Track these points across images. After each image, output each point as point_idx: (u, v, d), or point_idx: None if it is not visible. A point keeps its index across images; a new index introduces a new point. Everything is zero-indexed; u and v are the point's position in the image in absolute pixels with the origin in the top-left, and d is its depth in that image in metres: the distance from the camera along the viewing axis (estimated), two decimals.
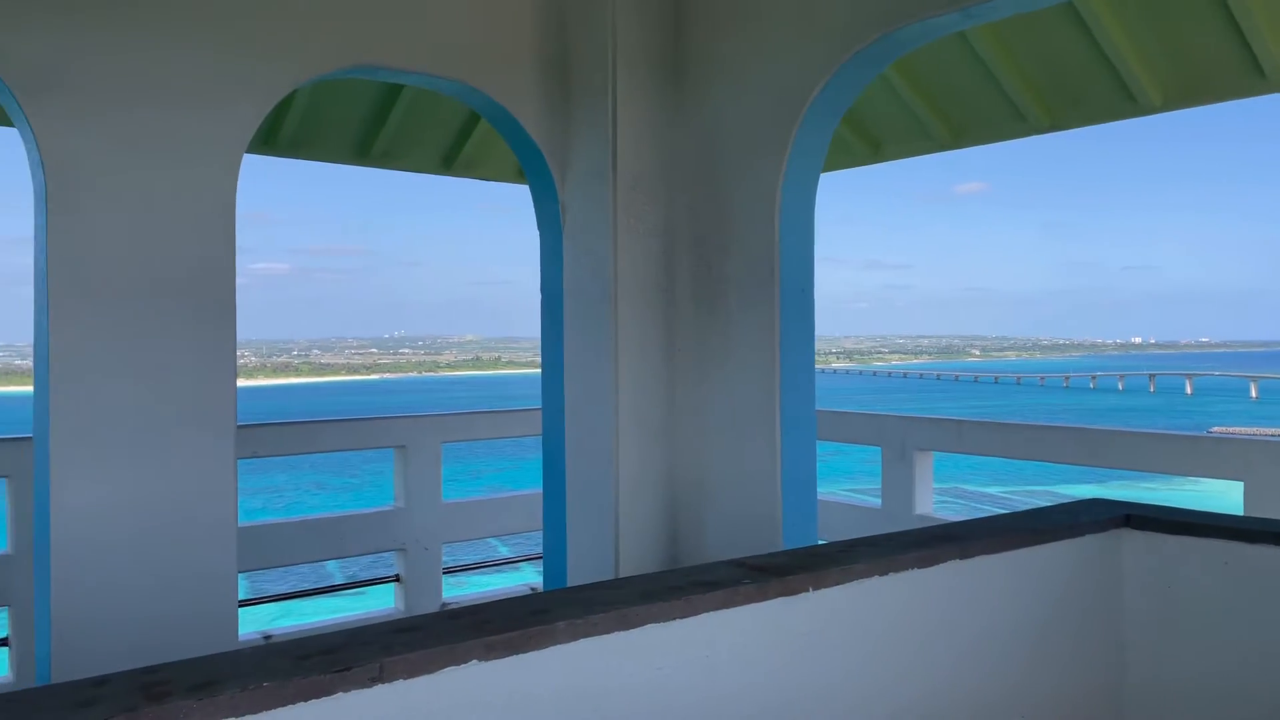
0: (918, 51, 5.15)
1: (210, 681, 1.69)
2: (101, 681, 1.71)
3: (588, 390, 5.09)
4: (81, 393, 3.93)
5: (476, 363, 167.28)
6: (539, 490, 7.29)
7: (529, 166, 5.33)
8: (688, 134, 5.08)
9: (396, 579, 6.69)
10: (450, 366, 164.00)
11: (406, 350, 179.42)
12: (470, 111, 6.63)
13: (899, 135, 6.35)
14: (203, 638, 4.10)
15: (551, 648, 2.05)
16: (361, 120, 6.48)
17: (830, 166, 5.87)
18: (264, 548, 5.96)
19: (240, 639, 4.64)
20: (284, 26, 4.42)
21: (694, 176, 5.03)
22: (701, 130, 5.01)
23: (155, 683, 1.69)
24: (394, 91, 6.28)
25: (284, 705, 1.72)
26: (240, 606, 4.61)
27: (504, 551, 12.43)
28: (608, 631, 2.14)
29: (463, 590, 8.54)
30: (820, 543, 4.66)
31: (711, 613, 2.30)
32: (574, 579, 5.13)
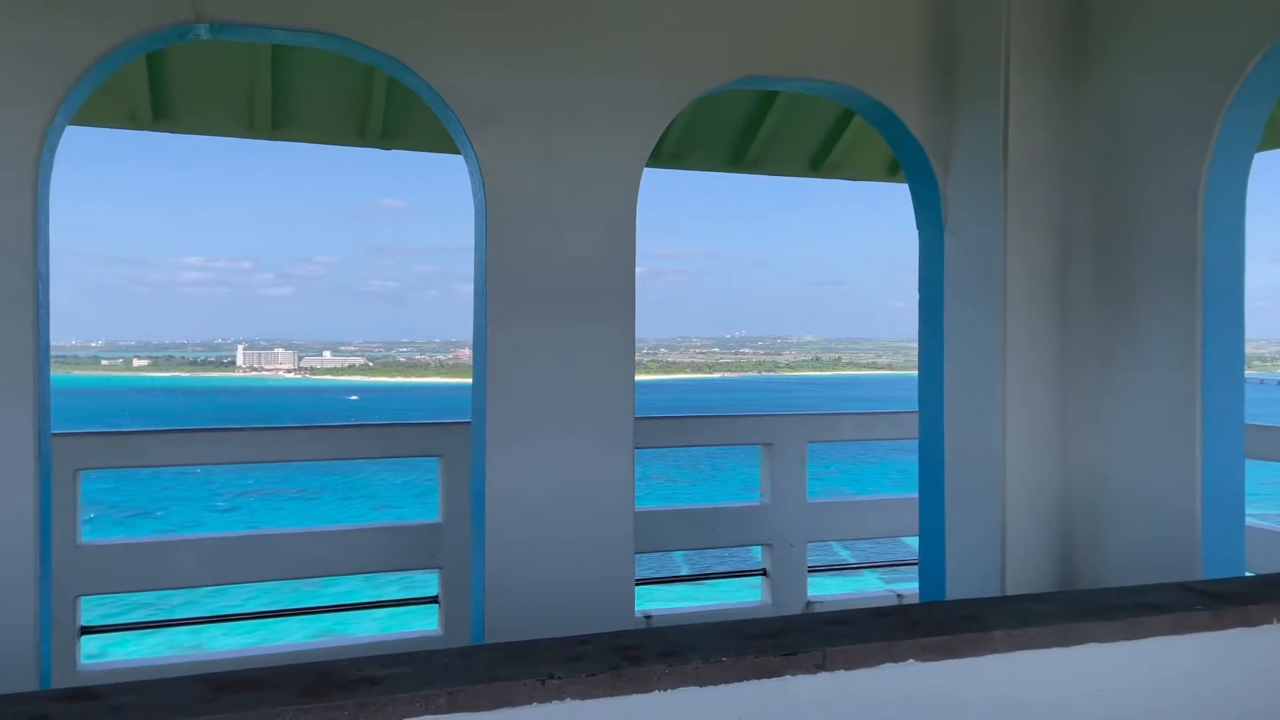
0: None
1: (675, 651, 1.86)
2: (585, 640, 1.93)
3: (970, 395, 4.91)
4: (513, 384, 4.46)
5: (816, 363, 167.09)
6: (903, 495, 7.21)
7: (909, 164, 5.24)
8: (1088, 122, 4.73)
9: (763, 573, 6.87)
10: (789, 366, 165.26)
11: (747, 350, 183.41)
12: (840, 113, 6.65)
13: None
14: (606, 609, 4.49)
15: (987, 656, 2.01)
16: (736, 129, 6.73)
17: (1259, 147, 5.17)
18: (645, 533, 6.38)
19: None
20: (679, 48, 4.70)
21: (1095, 166, 4.67)
22: (1105, 117, 4.64)
23: (629, 646, 1.88)
24: (768, 99, 6.45)
25: (738, 680, 1.84)
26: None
27: (844, 555, 12.33)
28: (1046, 646, 2.06)
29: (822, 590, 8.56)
30: (1248, 575, 4.14)
31: (1159, 637, 2.13)
32: (954, 591, 4.97)
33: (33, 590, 3.83)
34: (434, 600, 6.24)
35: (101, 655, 8.61)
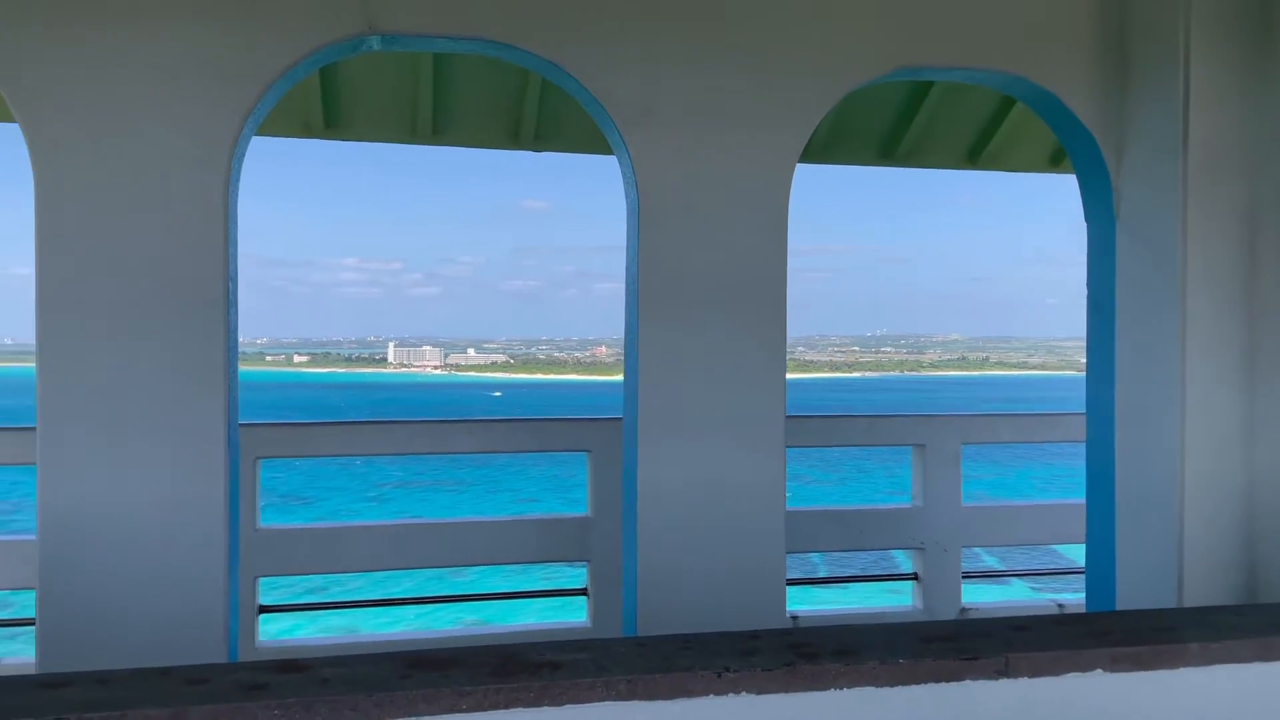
0: None
1: (851, 650, 1.84)
2: (755, 636, 1.94)
3: (1145, 396, 4.65)
4: (664, 381, 4.50)
5: (962, 362, 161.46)
6: (1061, 500, 6.89)
7: (1077, 153, 5.00)
8: (1276, 101, 4.40)
9: (914, 578, 6.70)
10: (933, 366, 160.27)
11: (888, 349, 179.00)
12: (1000, 102, 6.41)
13: None
14: (756, 608, 4.48)
15: (1182, 669, 1.90)
16: (888, 121, 6.58)
17: None
18: (792, 533, 6.32)
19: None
20: (833, 42, 4.64)
21: None
22: None
23: (801, 644, 1.88)
24: (922, 89, 6.29)
25: (917, 682, 1.81)
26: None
27: (990, 562, 11.86)
28: (1245, 660, 1.94)
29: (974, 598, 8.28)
30: None
31: None
32: (1124, 602, 4.71)
33: (223, 571, 4.12)
34: (582, 592, 6.36)
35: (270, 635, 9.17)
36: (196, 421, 4.07)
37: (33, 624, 5.38)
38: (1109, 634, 1.95)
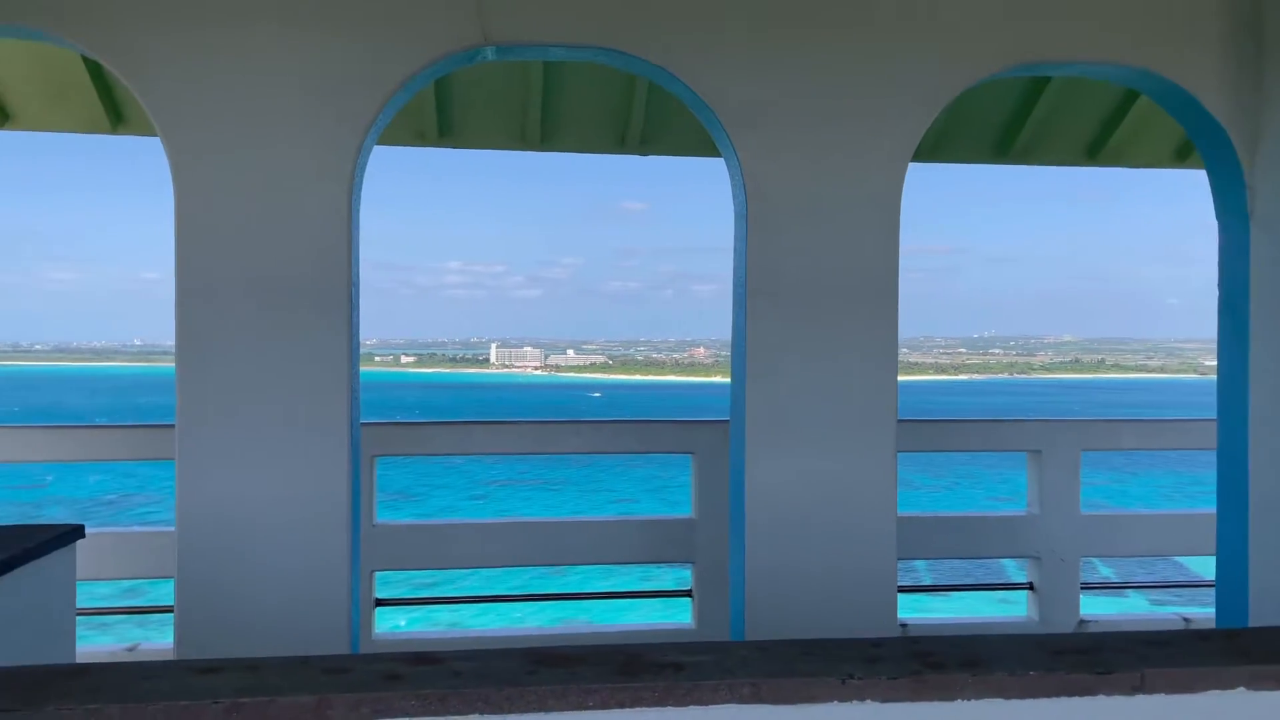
0: None
1: (978, 661, 1.81)
2: (878, 644, 1.92)
3: None
4: (773, 383, 4.49)
5: (1075, 365, 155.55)
6: (1193, 510, 6.58)
7: (1208, 149, 4.78)
8: None
9: (1030, 587, 6.50)
10: (1045, 369, 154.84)
11: (996, 350, 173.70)
12: (1122, 96, 6.17)
13: None
14: (866, 613, 4.43)
15: None
16: (1003, 117, 6.41)
17: None
18: (902, 539, 6.21)
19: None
20: (948, 38, 4.55)
21: None
22: None
23: (926, 652, 1.86)
24: (1039, 84, 6.10)
25: (1047, 696, 1.77)
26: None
27: (1105, 573, 11.38)
28: None
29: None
30: None
31: None
32: (1258, 617, 4.48)
33: (346, 565, 4.29)
34: (686, 594, 6.38)
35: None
36: (322, 420, 4.25)
37: (168, 611, 5.69)
38: (1252, 651, 1.86)
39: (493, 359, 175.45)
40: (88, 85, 5.71)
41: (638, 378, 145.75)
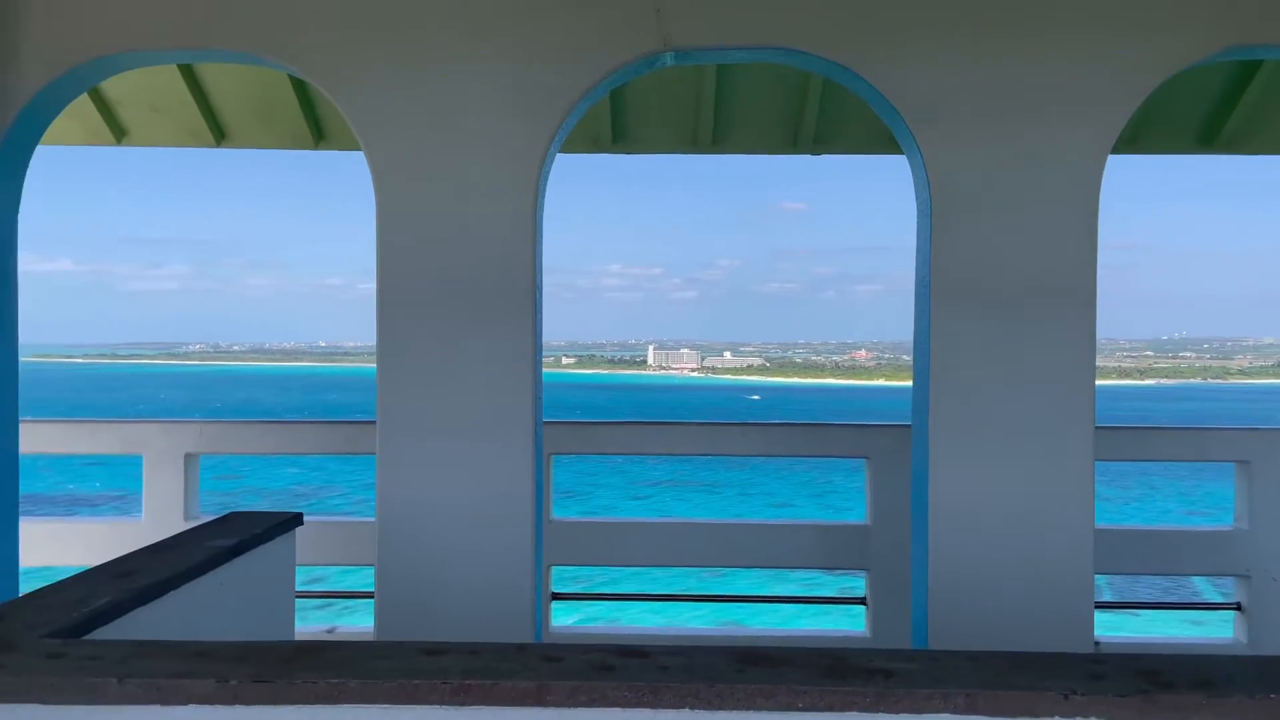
0: None
1: (1211, 682, 1.70)
2: (1098, 660, 1.84)
3: None
4: (959, 387, 4.35)
5: (1279, 369, 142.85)
6: None
7: None
8: None
9: (1237, 607, 6.03)
10: (1243, 373, 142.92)
11: (1188, 353, 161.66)
12: None
13: None
14: (1060, 628, 4.22)
15: None
16: (1209, 105, 5.98)
17: None
18: (1098, 552, 5.89)
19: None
20: (1150, 22, 4.28)
21: None
22: None
23: (1153, 671, 1.76)
24: (1249, 68, 5.66)
25: None
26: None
27: None
28: None
29: None
30: None
31: None
32: None
33: (530, 559, 4.44)
34: (860, 601, 6.27)
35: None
36: (509, 419, 4.42)
37: (367, 597, 6.04)
38: None
39: (650, 360, 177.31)
40: (294, 104, 6.16)
41: (796, 380, 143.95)
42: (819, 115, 6.11)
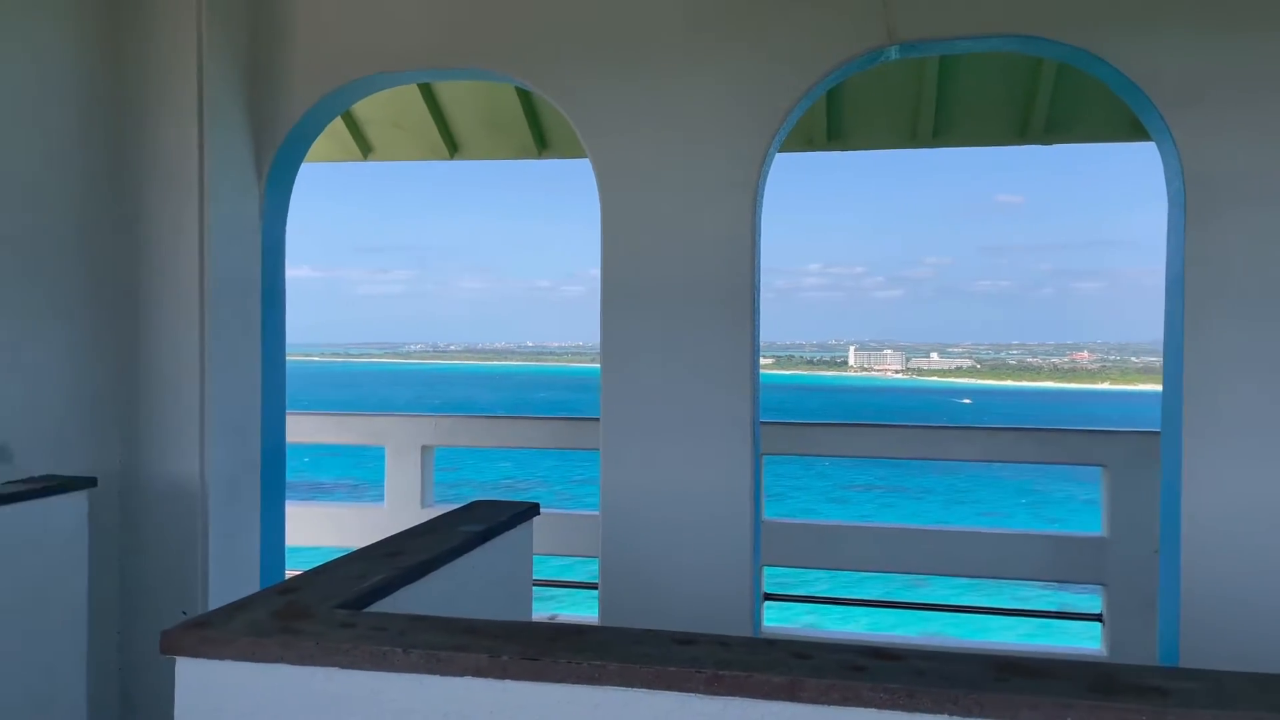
0: None
1: None
2: None
3: None
4: (1215, 391, 4.01)
5: None
6: None
7: None
8: None
9: None
10: None
11: None
12: None
13: None
14: None
15: None
16: None
17: None
18: None
19: None
20: None
21: None
22: None
23: None
24: None
25: None
26: None
27: None
28: None
29: None
30: None
31: None
32: None
33: (748, 557, 4.47)
34: (1095, 618, 5.89)
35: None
36: (729, 418, 4.46)
37: (577, 586, 6.24)
38: None
39: (851, 362, 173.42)
40: (520, 116, 6.48)
41: (1010, 383, 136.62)
42: (1051, 102, 5.79)
